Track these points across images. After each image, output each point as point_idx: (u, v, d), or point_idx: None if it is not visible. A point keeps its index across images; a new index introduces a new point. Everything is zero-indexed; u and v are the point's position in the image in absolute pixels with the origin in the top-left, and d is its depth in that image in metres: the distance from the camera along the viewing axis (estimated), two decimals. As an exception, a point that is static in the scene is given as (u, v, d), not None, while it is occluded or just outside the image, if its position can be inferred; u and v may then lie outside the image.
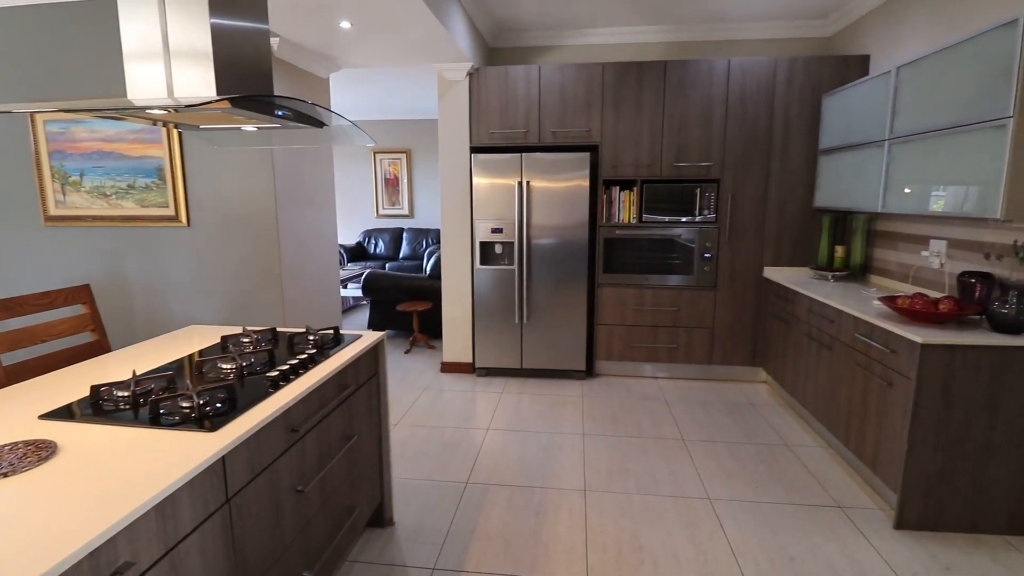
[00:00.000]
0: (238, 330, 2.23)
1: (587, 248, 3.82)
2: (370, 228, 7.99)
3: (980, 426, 2.17)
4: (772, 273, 3.76)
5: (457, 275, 4.03)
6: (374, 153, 7.95)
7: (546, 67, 3.77)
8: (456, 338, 4.12)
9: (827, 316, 2.89)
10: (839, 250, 3.54)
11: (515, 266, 3.86)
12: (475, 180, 3.83)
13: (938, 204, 2.42)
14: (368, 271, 5.11)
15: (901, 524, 2.28)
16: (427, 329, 5.08)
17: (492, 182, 3.82)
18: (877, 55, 3.45)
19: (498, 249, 3.90)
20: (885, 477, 2.38)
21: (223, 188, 3.16)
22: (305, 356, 1.78)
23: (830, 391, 2.86)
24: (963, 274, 2.45)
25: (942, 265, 2.79)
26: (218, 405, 1.37)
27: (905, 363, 2.22)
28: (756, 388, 3.83)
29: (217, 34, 1.46)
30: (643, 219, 3.85)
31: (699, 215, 3.79)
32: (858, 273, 3.45)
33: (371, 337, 2.10)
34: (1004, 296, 2.17)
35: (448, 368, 4.18)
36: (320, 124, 1.79)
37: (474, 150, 3.98)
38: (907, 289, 3.04)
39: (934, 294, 2.83)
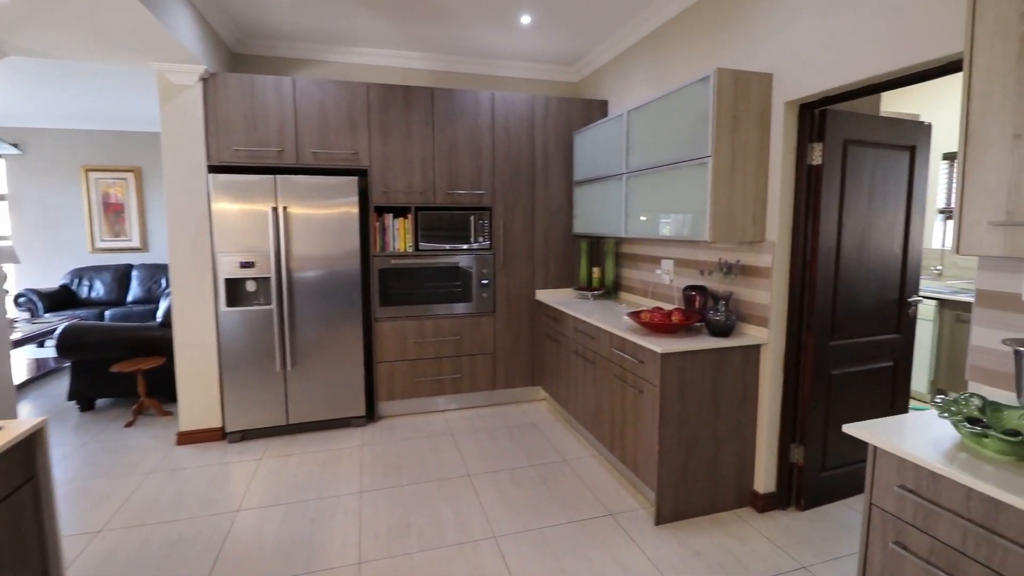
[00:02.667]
0: None
1: (360, 280, 3.50)
2: (82, 266, 6.22)
3: (709, 418, 2.50)
4: (543, 295, 3.95)
5: (195, 321, 3.30)
6: (85, 171, 6.28)
7: (302, 80, 3.39)
8: (197, 399, 3.35)
9: (589, 333, 3.09)
10: (596, 271, 3.90)
11: (273, 305, 3.32)
12: (215, 205, 3.21)
13: (665, 229, 2.77)
14: (65, 324, 3.89)
15: (660, 519, 2.48)
16: (161, 391, 4.01)
17: (239, 208, 3.24)
18: (613, 100, 3.94)
19: (251, 286, 3.31)
20: (645, 478, 2.57)
21: None
22: None
23: (596, 403, 3.05)
24: (686, 288, 2.84)
25: (671, 281, 3.23)
26: None
27: (651, 371, 2.45)
28: (537, 407, 3.95)
29: None
30: (420, 247, 3.70)
31: (475, 242, 3.80)
32: (612, 291, 3.84)
33: (17, 428, 1.45)
34: (716, 305, 2.56)
35: (188, 439, 3.35)
36: None
37: (213, 169, 3.35)
38: (649, 303, 3.47)
39: (668, 306, 3.26)
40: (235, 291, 3.29)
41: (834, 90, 2.18)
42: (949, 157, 4.42)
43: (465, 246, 3.79)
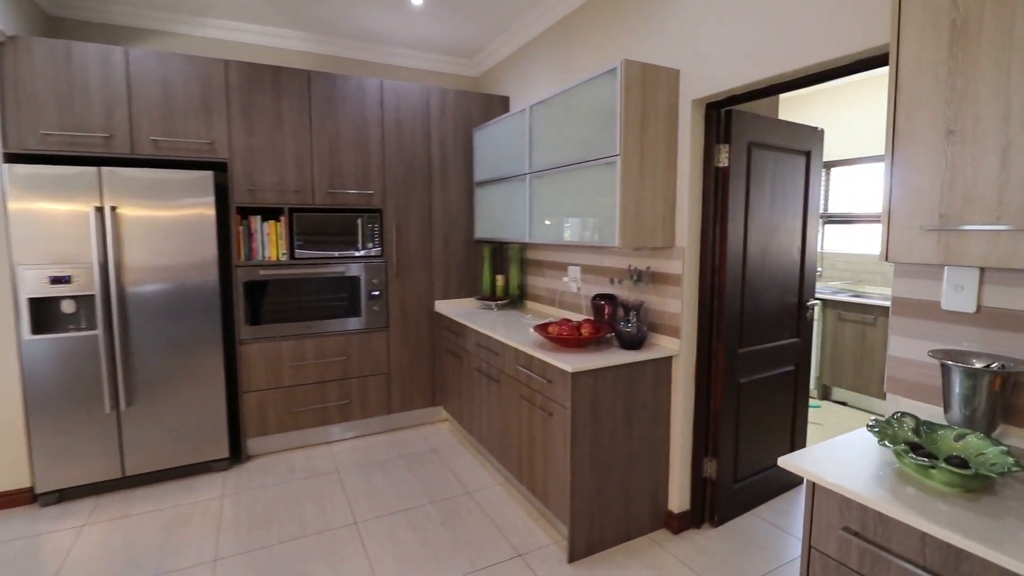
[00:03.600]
0: None
1: (219, 296, 2.91)
2: None
3: (622, 439, 2.29)
4: (443, 306, 3.60)
5: (-10, 351, 2.54)
6: None
7: (138, 52, 2.76)
8: (-3, 451, 2.59)
9: (492, 348, 2.79)
10: (500, 279, 3.62)
11: (99, 329, 2.64)
12: (14, 204, 2.49)
13: (572, 234, 2.55)
14: None
15: (573, 556, 2.23)
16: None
17: (50, 208, 2.54)
18: (515, 97, 3.69)
19: (67, 307, 2.61)
20: (556, 510, 2.31)
21: None
22: None
23: (502, 426, 2.75)
24: (595, 297, 2.64)
25: (579, 289, 3.03)
26: None
27: (561, 392, 2.19)
28: (439, 430, 3.58)
29: None
30: (296, 255, 3.18)
31: (363, 248, 3.36)
32: (517, 300, 3.58)
33: None
34: (626, 316, 2.37)
35: (-20, 504, 2.58)
36: None
37: (12, 158, 2.61)
38: (556, 312, 3.24)
39: (576, 316, 3.05)
40: (45, 313, 2.58)
41: (743, 88, 2.07)
42: (829, 165, 4.71)
43: (352, 253, 3.33)
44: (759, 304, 2.54)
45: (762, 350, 2.58)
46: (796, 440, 2.83)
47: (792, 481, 2.83)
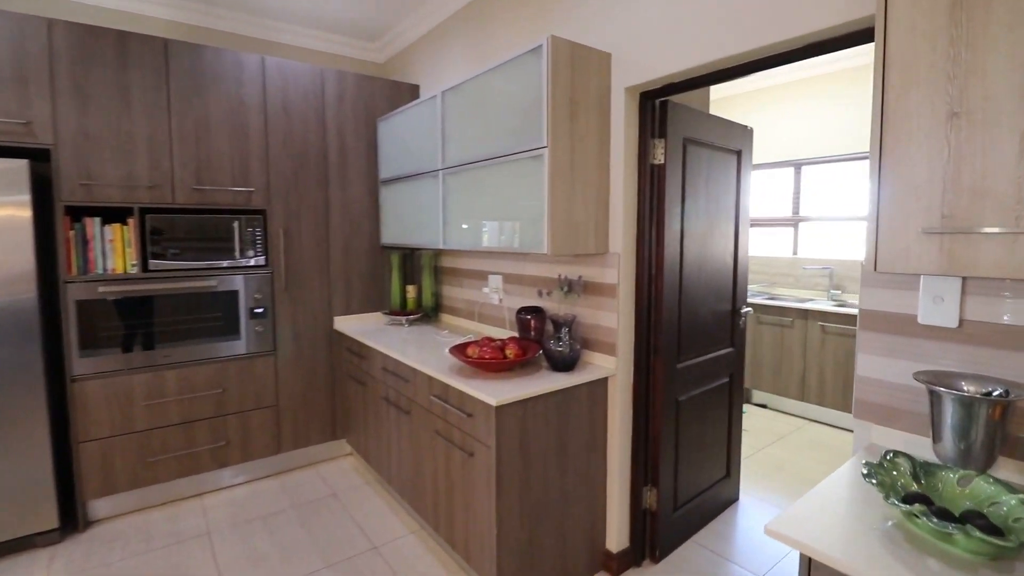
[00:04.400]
0: None
1: (39, 319, 2.24)
2: None
3: (555, 476, 1.97)
4: (344, 323, 3.11)
5: None
6: None
7: (-95, -5, 2.04)
8: None
9: (402, 374, 2.37)
10: (411, 290, 3.19)
11: None
12: None
13: (493, 240, 2.20)
14: None
15: (504, 620, 1.87)
16: None
17: None
18: (427, 85, 3.29)
19: None
20: (480, 566, 1.94)
21: None
22: None
23: (415, 466, 2.34)
24: (521, 311, 2.31)
25: (501, 301, 2.69)
26: None
27: (483, 429, 1.83)
28: (341, 467, 3.08)
29: None
30: (150, 267, 2.56)
31: (243, 257, 2.79)
32: (432, 313, 3.17)
33: None
34: (557, 332, 2.06)
35: None
36: None
37: None
38: (476, 328, 2.88)
39: (499, 332, 2.71)
40: None
41: (683, 74, 1.84)
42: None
43: (227, 263, 2.76)
44: (696, 313, 2.34)
45: (700, 363, 2.39)
46: (732, 456, 2.68)
47: (728, 499, 2.67)
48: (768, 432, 3.65)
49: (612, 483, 2.15)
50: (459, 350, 2.14)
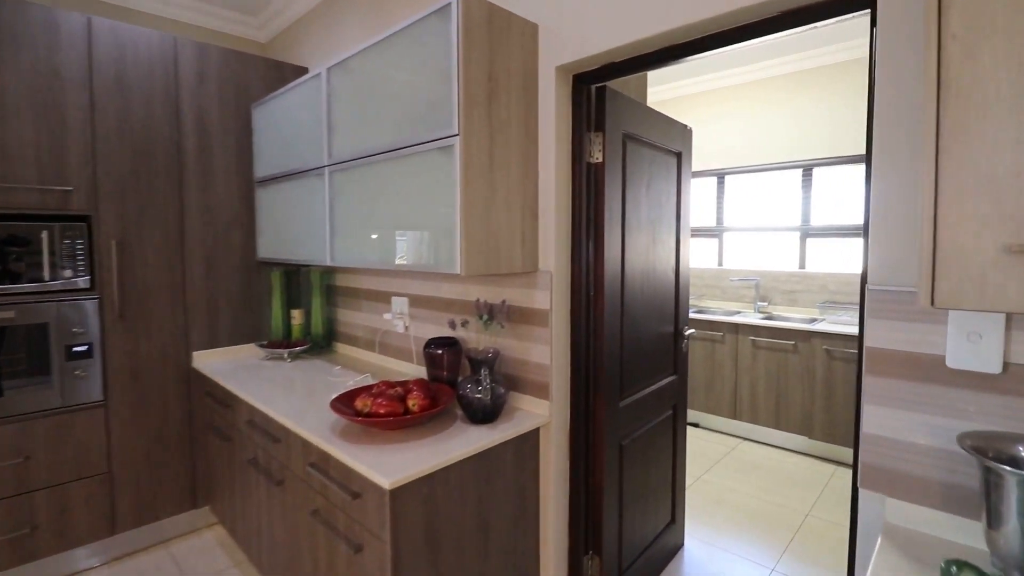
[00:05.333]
0: None
1: None
2: None
3: (475, 563, 1.52)
4: (206, 360, 2.46)
5: None
6: None
7: None
8: None
9: (271, 432, 1.81)
10: (296, 315, 2.61)
11: None
12: None
13: (389, 255, 1.71)
14: None
15: None
16: None
17: None
18: (316, 68, 2.74)
19: None
20: None
21: None
22: None
23: (289, 555, 1.78)
24: (430, 345, 1.83)
25: (407, 329, 2.20)
26: None
27: (374, 516, 1.33)
28: (203, 542, 2.41)
29: None
30: (-98, 291, 1.81)
31: (55, 279, 2.09)
32: (323, 343, 2.60)
33: None
34: (475, 373, 1.61)
35: None
36: None
37: None
38: (378, 362, 2.36)
39: (406, 367, 2.21)
40: None
41: (626, 50, 1.48)
42: (663, 180, 4.58)
43: (33, 287, 2.04)
44: (639, 339, 1.99)
45: (644, 397, 2.04)
46: (677, 498, 2.36)
47: (674, 546, 2.35)
48: (703, 455, 3.43)
49: (547, 559, 1.73)
50: (345, 401, 1.63)
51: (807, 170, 3.89)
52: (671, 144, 2.12)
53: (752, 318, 3.72)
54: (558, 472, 1.72)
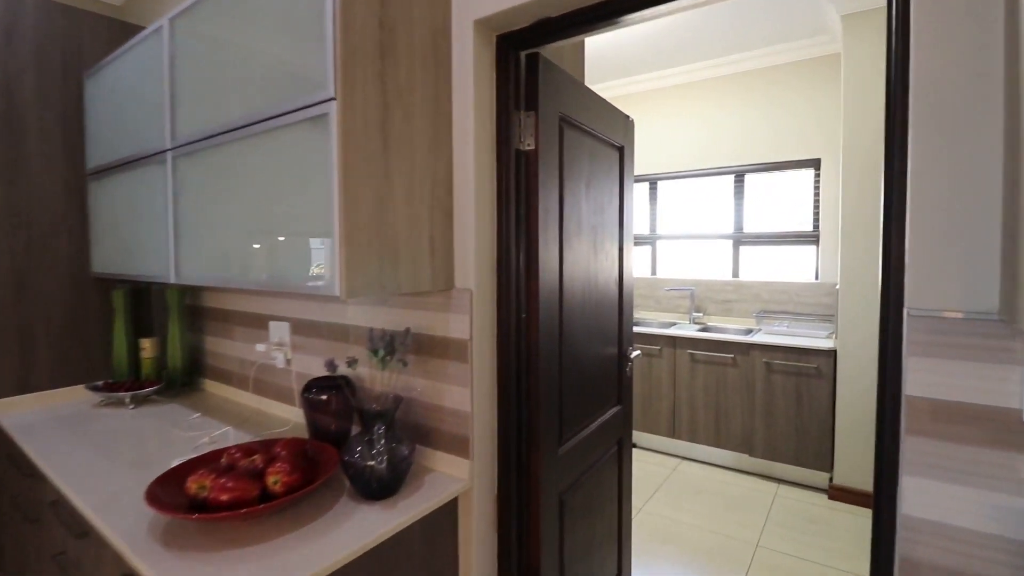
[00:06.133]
0: None
1: None
2: None
3: None
4: (13, 411, 1.83)
5: None
6: None
7: None
8: None
9: (76, 523, 1.27)
10: (147, 346, 2.03)
11: None
12: None
13: (244, 270, 1.25)
14: None
15: None
16: None
17: None
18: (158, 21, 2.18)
19: None
20: None
21: None
22: None
23: None
24: (309, 389, 1.38)
25: (289, 363, 1.72)
26: None
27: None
28: (12, 660, 1.78)
29: None
30: None
31: None
32: (183, 381, 2.04)
33: None
34: (368, 429, 1.18)
35: None
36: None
37: None
38: (254, 404, 1.85)
39: (288, 411, 1.73)
40: None
41: (562, 2, 1.13)
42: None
43: None
44: (581, 368, 1.65)
45: (587, 436, 1.70)
46: (623, 546, 2.03)
47: (621, 604, 2.02)
48: (643, 479, 3.16)
49: (471, 664, 1.32)
50: (176, 482, 1.13)
51: (739, 176, 3.78)
52: (613, 136, 1.81)
53: (689, 330, 3.53)
54: (483, 552, 1.32)
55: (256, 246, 1.22)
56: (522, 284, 1.36)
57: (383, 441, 1.17)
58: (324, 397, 1.34)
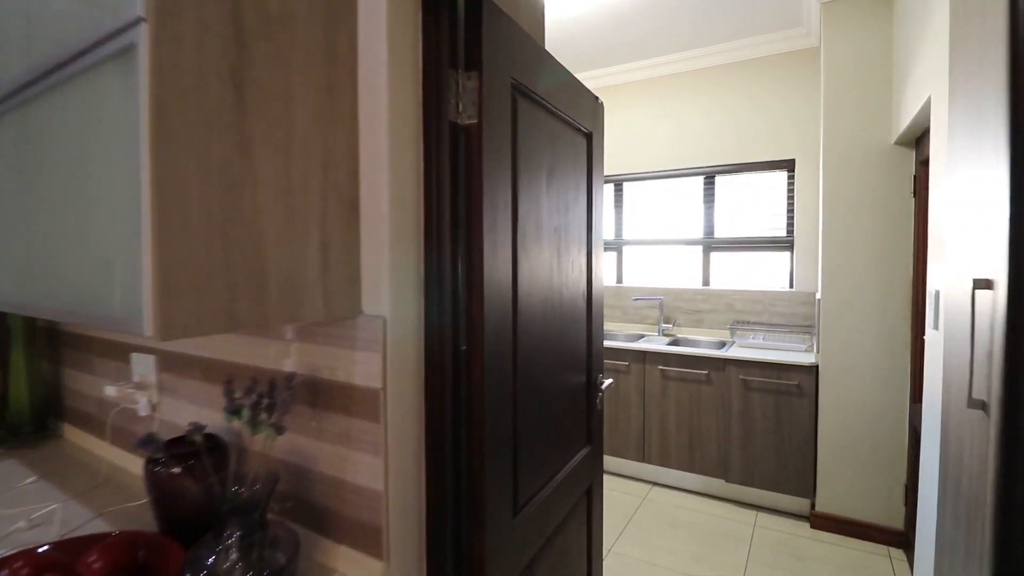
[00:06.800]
0: None
1: None
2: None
3: None
4: None
5: None
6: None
7: None
8: None
9: None
10: (-22, 383, 1.55)
11: None
12: None
13: (54, 292, 0.84)
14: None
15: None
16: None
17: None
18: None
19: None
20: None
21: None
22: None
23: None
24: (154, 460, 0.97)
25: (154, 408, 1.29)
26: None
27: None
28: None
29: None
30: None
31: None
32: (29, 427, 1.57)
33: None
34: (227, 534, 0.79)
35: None
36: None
37: None
38: (116, 461, 1.41)
39: (136, 467, 1.30)
40: None
41: None
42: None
43: None
44: (542, 406, 1.30)
45: (550, 496, 1.34)
46: (594, 614, 1.69)
47: None
48: (613, 510, 2.84)
49: None
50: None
51: (709, 178, 3.54)
52: (581, 119, 1.47)
53: (658, 343, 3.25)
54: None
55: (63, 257, 0.81)
56: (461, 306, 1.00)
57: (249, 547, 0.78)
58: (178, 471, 0.93)
